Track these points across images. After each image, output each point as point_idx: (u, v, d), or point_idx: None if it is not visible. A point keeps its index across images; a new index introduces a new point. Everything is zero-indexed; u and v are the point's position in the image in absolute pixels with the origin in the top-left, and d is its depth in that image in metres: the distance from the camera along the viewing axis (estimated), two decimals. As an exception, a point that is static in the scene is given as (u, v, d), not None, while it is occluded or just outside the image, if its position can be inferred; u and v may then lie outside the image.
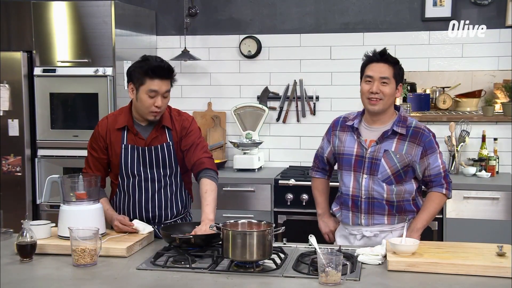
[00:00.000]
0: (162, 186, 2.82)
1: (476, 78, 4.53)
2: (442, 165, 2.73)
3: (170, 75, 2.74)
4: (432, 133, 2.75)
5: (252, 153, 4.51)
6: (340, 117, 2.88)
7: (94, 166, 2.84)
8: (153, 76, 2.66)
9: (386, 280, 2.18)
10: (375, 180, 2.69)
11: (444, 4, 4.39)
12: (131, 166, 2.79)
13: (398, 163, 2.67)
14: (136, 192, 2.81)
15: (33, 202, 4.32)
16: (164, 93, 2.71)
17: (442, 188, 2.74)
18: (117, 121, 2.81)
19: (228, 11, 4.77)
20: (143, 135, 2.79)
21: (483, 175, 4.15)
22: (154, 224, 2.82)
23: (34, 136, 4.30)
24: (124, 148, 2.78)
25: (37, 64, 4.27)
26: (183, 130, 2.82)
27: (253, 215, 4.06)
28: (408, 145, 2.68)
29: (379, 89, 2.65)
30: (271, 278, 2.19)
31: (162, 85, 2.69)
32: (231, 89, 4.80)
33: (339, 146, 2.81)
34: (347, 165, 2.76)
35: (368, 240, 2.75)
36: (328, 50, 4.62)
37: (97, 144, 2.83)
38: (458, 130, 4.38)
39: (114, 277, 2.21)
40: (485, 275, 2.18)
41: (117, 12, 4.18)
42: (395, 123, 2.70)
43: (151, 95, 2.67)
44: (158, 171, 2.80)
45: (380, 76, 2.66)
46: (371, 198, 2.72)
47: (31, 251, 2.40)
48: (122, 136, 2.79)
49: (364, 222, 2.75)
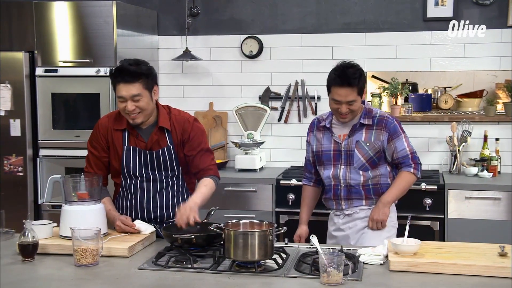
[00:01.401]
0: (164, 187, 2.81)
1: (478, 78, 4.53)
2: (408, 148, 2.94)
3: (136, 78, 2.62)
4: (396, 119, 2.96)
5: (253, 153, 4.51)
6: (315, 119, 3.10)
7: (96, 164, 2.84)
8: (117, 81, 2.64)
9: (387, 281, 2.18)
10: (351, 169, 2.93)
11: (446, 4, 4.39)
12: (133, 167, 2.78)
13: (370, 151, 2.91)
14: (138, 192, 2.81)
15: (35, 202, 4.32)
16: (133, 97, 2.62)
17: (410, 167, 2.94)
18: (117, 121, 2.79)
19: (229, 11, 4.77)
20: (144, 137, 2.77)
21: (484, 175, 4.15)
22: (156, 224, 2.82)
23: (36, 136, 4.30)
24: (126, 149, 2.77)
25: (39, 64, 4.27)
26: (184, 133, 2.78)
27: (255, 215, 4.07)
28: (376, 133, 2.91)
29: (348, 109, 2.84)
30: (272, 278, 2.19)
31: (128, 89, 2.61)
32: (233, 89, 4.80)
33: (317, 145, 3.02)
34: (327, 160, 2.98)
35: (349, 218, 2.98)
36: (330, 50, 4.62)
37: (98, 143, 2.81)
38: (460, 130, 4.37)
39: (115, 277, 2.21)
40: (487, 275, 2.17)
41: (118, 12, 4.19)
42: (362, 116, 2.92)
43: (120, 100, 2.65)
44: (160, 172, 2.79)
45: (346, 101, 2.81)
46: (349, 186, 2.94)
47: (33, 251, 2.41)
48: (124, 137, 2.78)
49: (344, 206, 2.99)
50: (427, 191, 3.92)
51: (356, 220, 2.97)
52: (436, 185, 3.94)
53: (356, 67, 2.86)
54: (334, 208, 3.04)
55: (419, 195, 3.90)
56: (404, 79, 4.64)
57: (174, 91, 4.89)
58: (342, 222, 3.01)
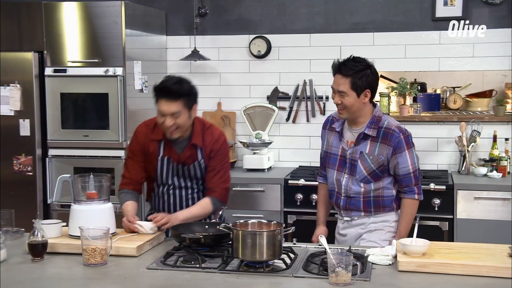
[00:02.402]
0: (195, 191, 2.96)
1: (487, 78, 4.50)
2: (411, 165, 2.79)
3: (177, 97, 2.73)
4: (404, 132, 2.79)
5: (261, 153, 4.51)
6: (330, 116, 3.01)
7: (133, 169, 2.95)
8: (159, 97, 2.76)
9: (396, 281, 2.17)
10: (353, 180, 2.83)
11: (455, 4, 4.37)
12: (166, 176, 2.92)
13: (372, 164, 2.79)
14: (170, 199, 2.95)
15: (44, 202, 4.34)
16: (173, 114, 2.73)
17: (414, 194, 2.83)
18: (155, 132, 2.90)
19: (237, 11, 4.77)
20: (177, 149, 2.88)
21: (494, 175, 4.13)
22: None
23: (45, 136, 4.32)
24: (161, 159, 2.89)
25: (48, 64, 4.29)
26: (212, 152, 2.90)
27: (263, 215, 4.06)
28: (380, 146, 2.78)
29: (339, 100, 2.74)
30: (281, 278, 2.19)
31: (169, 105, 2.72)
32: (241, 89, 4.80)
33: (327, 146, 2.97)
34: (332, 163, 2.92)
35: (347, 224, 2.92)
36: (338, 50, 4.60)
37: (136, 149, 2.95)
38: (469, 130, 4.35)
39: (124, 277, 2.22)
40: (497, 276, 2.16)
41: (127, 12, 4.20)
42: (368, 125, 2.79)
43: (161, 113, 2.76)
44: (191, 182, 2.95)
45: (338, 90, 2.74)
46: (348, 197, 2.87)
47: (42, 250, 2.42)
48: (159, 147, 2.90)
49: (344, 215, 2.93)
50: (436, 191, 3.91)
51: (354, 227, 2.90)
52: (445, 185, 3.93)
53: (363, 62, 2.75)
54: (336, 213, 3.02)
55: (428, 195, 3.87)
56: (413, 79, 4.62)
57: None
58: (342, 227, 2.96)
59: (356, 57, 2.78)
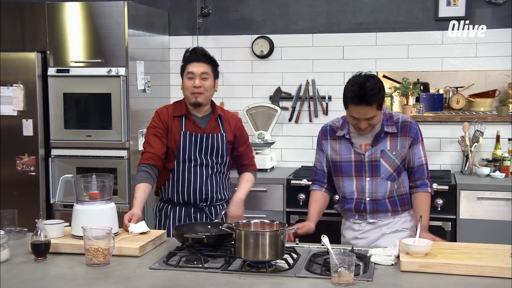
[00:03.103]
0: (214, 172, 3.04)
1: (490, 78, 4.50)
2: (424, 157, 2.83)
3: (205, 58, 2.98)
4: (417, 124, 2.85)
5: (264, 153, 4.51)
6: (326, 126, 2.92)
7: (155, 144, 2.98)
8: (188, 61, 2.97)
9: (399, 281, 2.17)
10: (378, 180, 2.78)
11: (458, 4, 4.36)
12: (189, 152, 2.99)
13: (396, 159, 2.77)
14: (192, 176, 2.99)
15: (47, 202, 4.35)
16: (201, 74, 2.94)
17: (427, 187, 2.84)
18: (176, 109, 3.03)
19: (240, 11, 4.77)
20: (200, 124, 3.00)
21: (497, 175, 4.12)
22: (205, 207, 3.04)
23: (48, 136, 4.33)
24: (183, 134, 2.98)
25: (51, 65, 4.30)
26: (237, 129, 3.11)
27: (266, 215, 4.06)
28: (401, 139, 2.78)
29: (367, 124, 2.68)
30: (283, 278, 2.19)
31: (198, 67, 2.94)
32: (244, 89, 4.81)
33: (333, 156, 2.86)
34: (347, 171, 2.82)
35: (371, 227, 2.84)
36: (341, 50, 4.61)
37: (159, 126, 3.00)
38: (472, 130, 4.35)
39: (127, 277, 2.22)
40: (499, 276, 2.16)
41: (130, 12, 4.20)
42: (384, 123, 2.76)
43: (189, 76, 2.95)
44: (211, 158, 3.02)
45: (365, 118, 2.65)
46: (375, 200, 2.80)
47: (45, 250, 2.42)
48: (181, 123, 3.00)
49: (369, 218, 2.85)
50: (439, 192, 3.90)
51: (379, 228, 2.83)
52: (448, 186, 3.92)
53: (375, 79, 2.63)
54: (355, 218, 2.88)
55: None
56: (416, 79, 4.62)
57: (185, 91, 4.89)
58: (364, 230, 2.84)
59: (364, 75, 2.64)
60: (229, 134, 3.06)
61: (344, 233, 2.96)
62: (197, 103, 2.96)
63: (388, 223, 2.84)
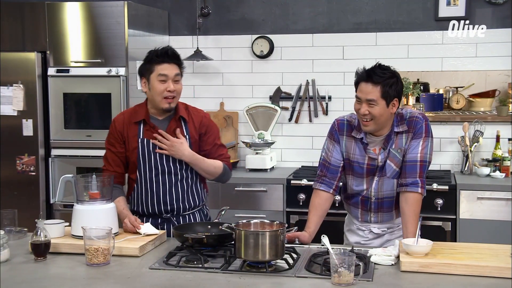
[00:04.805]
0: (179, 179, 2.85)
1: (490, 78, 4.49)
2: (420, 154, 2.64)
3: (177, 60, 2.80)
4: (427, 120, 2.71)
5: (264, 153, 4.51)
6: (343, 120, 2.78)
7: (113, 161, 2.87)
8: (159, 61, 2.75)
9: (399, 281, 2.17)
10: (384, 180, 2.72)
11: (458, 4, 4.36)
12: (149, 160, 2.82)
13: (400, 156, 2.68)
14: (154, 186, 2.84)
15: (47, 202, 4.35)
16: (174, 77, 2.76)
17: (417, 187, 2.63)
18: (133, 115, 2.86)
19: (240, 11, 4.77)
20: (161, 128, 2.81)
21: (497, 175, 4.12)
22: (172, 217, 2.87)
23: (48, 136, 4.33)
24: (141, 141, 2.81)
25: (51, 65, 4.30)
26: (202, 127, 2.88)
27: (266, 215, 4.07)
28: (406, 135, 2.69)
29: (367, 110, 2.57)
30: (283, 278, 2.19)
31: (171, 69, 2.76)
32: (244, 89, 4.81)
33: (347, 153, 2.76)
34: (358, 172, 2.75)
35: (375, 236, 2.81)
36: (341, 50, 4.61)
37: (115, 138, 2.86)
38: (472, 130, 4.35)
39: (127, 277, 2.22)
40: (500, 276, 2.16)
41: (130, 12, 4.20)
42: (395, 124, 2.68)
43: (162, 79, 2.74)
44: (175, 164, 2.83)
45: (366, 98, 2.56)
46: (380, 199, 2.75)
47: (45, 250, 2.42)
48: (139, 130, 2.83)
49: (373, 219, 2.80)
50: (439, 192, 3.90)
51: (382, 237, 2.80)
52: (448, 186, 3.92)
53: (389, 70, 2.59)
54: (359, 220, 2.83)
55: (431, 196, 3.87)
56: (416, 79, 4.62)
57: (185, 91, 4.74)
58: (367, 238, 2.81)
59: (381, 64, 2.63)
60: (193, 134, 2.85)
61: (348, 235, 2.93)
62: (170, 109, 2.81)
63: (391, 231, 2.80)
